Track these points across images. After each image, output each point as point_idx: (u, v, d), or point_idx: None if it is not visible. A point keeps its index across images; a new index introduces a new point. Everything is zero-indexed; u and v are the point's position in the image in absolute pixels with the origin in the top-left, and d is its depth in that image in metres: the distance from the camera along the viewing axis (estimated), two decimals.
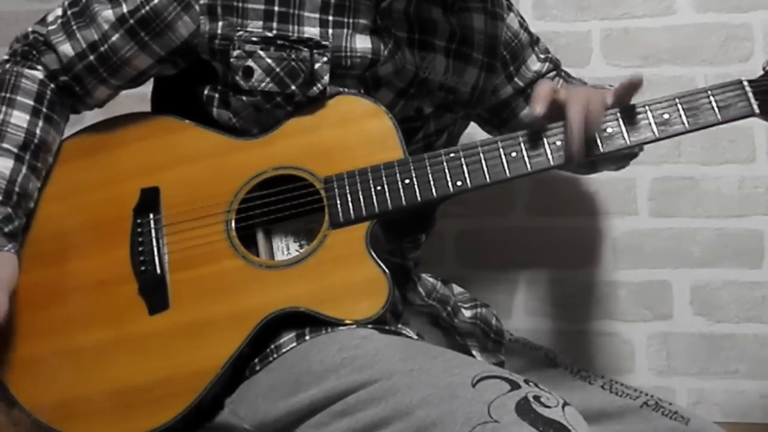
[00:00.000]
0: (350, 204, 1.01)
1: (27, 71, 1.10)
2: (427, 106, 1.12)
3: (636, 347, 1.58)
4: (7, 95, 1.08)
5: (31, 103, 1.08)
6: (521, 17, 1.28)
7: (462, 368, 0.86)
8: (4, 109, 1.07)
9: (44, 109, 1.09)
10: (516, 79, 1.27)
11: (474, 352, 1.14)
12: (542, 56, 1.29)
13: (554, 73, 1.30)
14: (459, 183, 1.00)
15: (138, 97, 1.19)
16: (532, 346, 1.22)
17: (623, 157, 1.29)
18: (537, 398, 0.80)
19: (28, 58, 1.12)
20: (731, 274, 1.55)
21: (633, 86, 0.98)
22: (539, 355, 1.20)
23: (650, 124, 0.99)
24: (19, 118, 1.07)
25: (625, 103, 1.00)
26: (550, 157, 1.00)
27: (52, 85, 1.11)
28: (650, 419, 1.07)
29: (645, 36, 1.58)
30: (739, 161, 1.55)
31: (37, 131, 1.08)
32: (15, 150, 1.05)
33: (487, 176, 1.00)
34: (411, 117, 1.11)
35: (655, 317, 1.57)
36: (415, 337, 1.01)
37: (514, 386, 0.82)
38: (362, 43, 1.05)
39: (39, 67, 1.11)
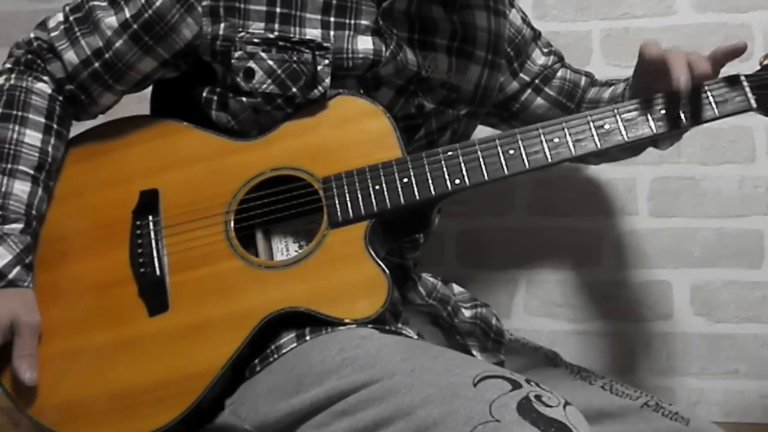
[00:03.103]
0: (349, 204, 1.01)
1: (36, 86, 1.09)
2: (429, 102, 1.12)
3: (636, 347, 1.58)
4: (19, 113, 1.07)
5: (43, 120, 1.08)
6: (523, 12, 1.29)
7: (463, 368, 0.85)
8: (17, 128, 1.06)
9: (55, 126, 1.09)
10: (521, 75, 1.28)
11: (474, 352, 1.14)
12: (545, 50, 1.31)
13: (560, 64, 1.31)
14: (457, 181, 1.00)
15: (138, 98, 1.19)
16: (531, 346, 1.22)
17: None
18: (538, 397, 0.80)
19: (32, 68, 1.11)
20: (731, 274, 1.55)
21: (735, 52, 0.98)
22: (539, 355, 1.20)
23: (648, 120, 0.99)
24: (33, 138, 1.07)
25: (722, 65, 1.00)
26: (547, 154, 1.00)
27: (61, 98, 1.11)
28: (650, 420, 1.08)
29: (645, 36, 1.56)
30: (739, 161, 1.55)
31: (50, 149, 1.08)
32: (31, 172, 1.06)
33: (486, 174, 1.00)
34: (412, 114, 1.11)
35: (655, 317, 1.57)
36: (416, 336, 1.01)
37: (516, 386, 0.81)
38: (364, 44, 1.05)
39: (45, 78, 1.10)
